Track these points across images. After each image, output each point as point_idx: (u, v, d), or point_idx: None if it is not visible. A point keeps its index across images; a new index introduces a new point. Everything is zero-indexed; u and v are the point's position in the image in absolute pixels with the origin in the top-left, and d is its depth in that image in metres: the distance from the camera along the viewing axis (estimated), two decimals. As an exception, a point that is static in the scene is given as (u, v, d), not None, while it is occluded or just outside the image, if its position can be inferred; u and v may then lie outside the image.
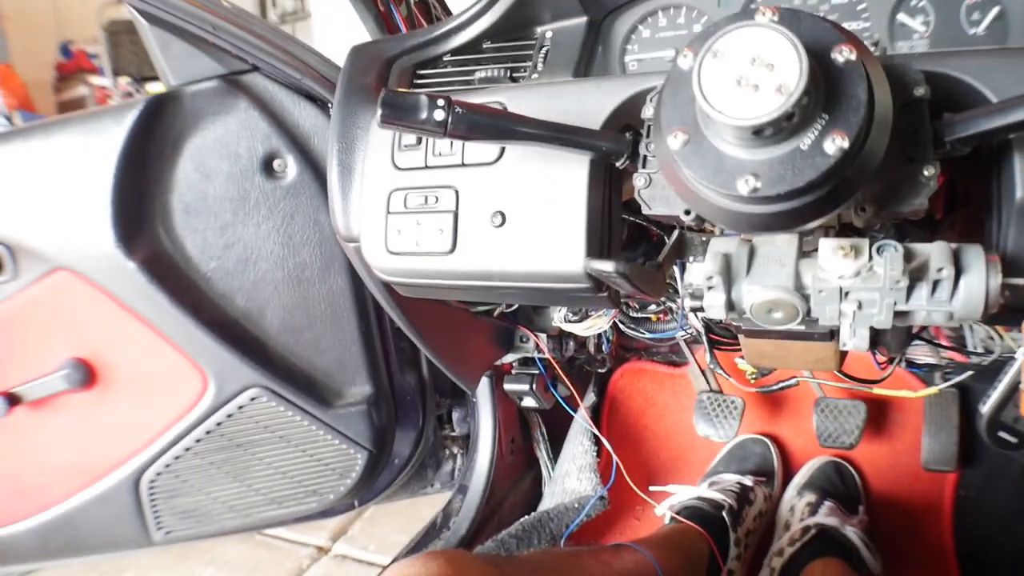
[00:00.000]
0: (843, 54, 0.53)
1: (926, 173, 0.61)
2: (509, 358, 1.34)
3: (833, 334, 0.72)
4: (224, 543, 1.96)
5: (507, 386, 1.36)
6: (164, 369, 1.25)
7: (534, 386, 1.34)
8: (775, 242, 0.66)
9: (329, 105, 1.11)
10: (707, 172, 0.55)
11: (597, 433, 1.43)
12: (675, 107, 0.57)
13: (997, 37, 0.80)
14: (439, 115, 0.63)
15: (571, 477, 1.38)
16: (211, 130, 1.16)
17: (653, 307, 1.16)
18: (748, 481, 1.38)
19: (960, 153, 0.62)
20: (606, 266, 0.62)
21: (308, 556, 1.90)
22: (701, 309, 0.67)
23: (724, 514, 1.29)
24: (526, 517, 1.29)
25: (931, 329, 1.17)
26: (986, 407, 0.71)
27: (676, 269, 1.00)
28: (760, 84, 0.51)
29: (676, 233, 0.77)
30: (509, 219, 0.77)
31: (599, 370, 1.57)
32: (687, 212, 0.64)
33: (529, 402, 1.37)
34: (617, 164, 0.71)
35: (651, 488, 1.38)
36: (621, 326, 1.19)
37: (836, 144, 0.51)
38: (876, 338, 0.96)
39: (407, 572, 0.68)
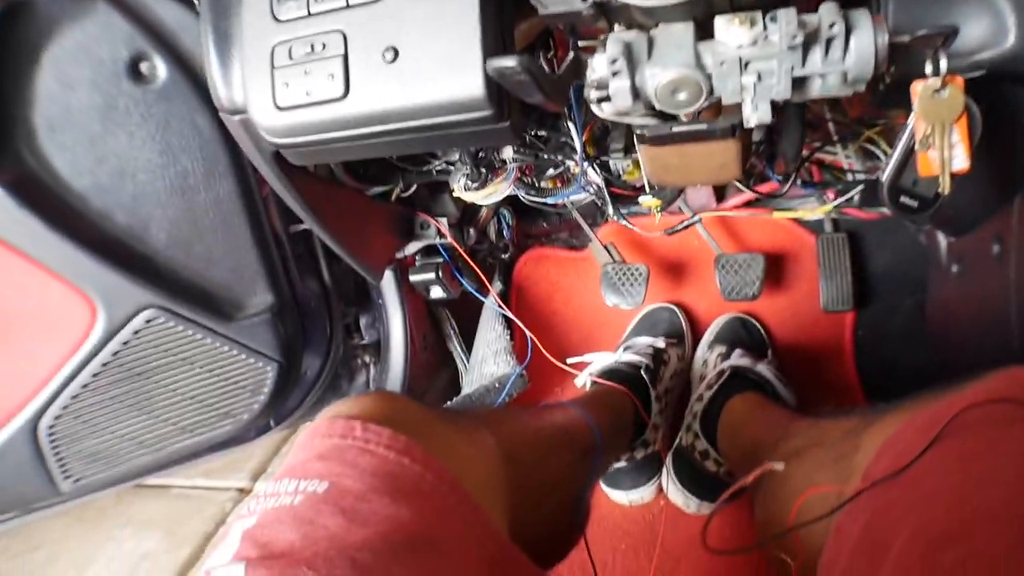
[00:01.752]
0: None
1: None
2: (411, 249, 1.32)
3: (735, 129, 0.73)
4: (139, 501, 1.89)
5: (413, 277, 1.34)
6: (47, 302, 1.17)
7: (440, 274, 1.32)
8: (671, 30, 0.66)
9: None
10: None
11: (509, 315, 1.43)
12: None
13: None
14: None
15: (488, 362, 1.38)
16: (69, 36, 1.06)
17: (551, 171, 1.16)
18: (661, 343, 1.41)
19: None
20: (509, 61, 0.61)
21: (230, 499, 1.84)
22: (607, 99, 0.66)
23: (642, 372, 1.32)
24: (448, 402, 1.28)
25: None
26: (885, 174, 0.74)
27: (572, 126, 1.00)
28: None
29: (572, 55, 0.76)
30: (402, 53, 0.75)
31: (503, 256, 1.57)
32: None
33: (437, 292, 1.35)
34: None
35: (568, 360, 1.39)
36: (522, 196, 1.18)
37: None
38: (773, 151, 0.99)
39: (342, 409, 0.65)
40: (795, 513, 0.72)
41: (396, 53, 0.75)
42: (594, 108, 0.70)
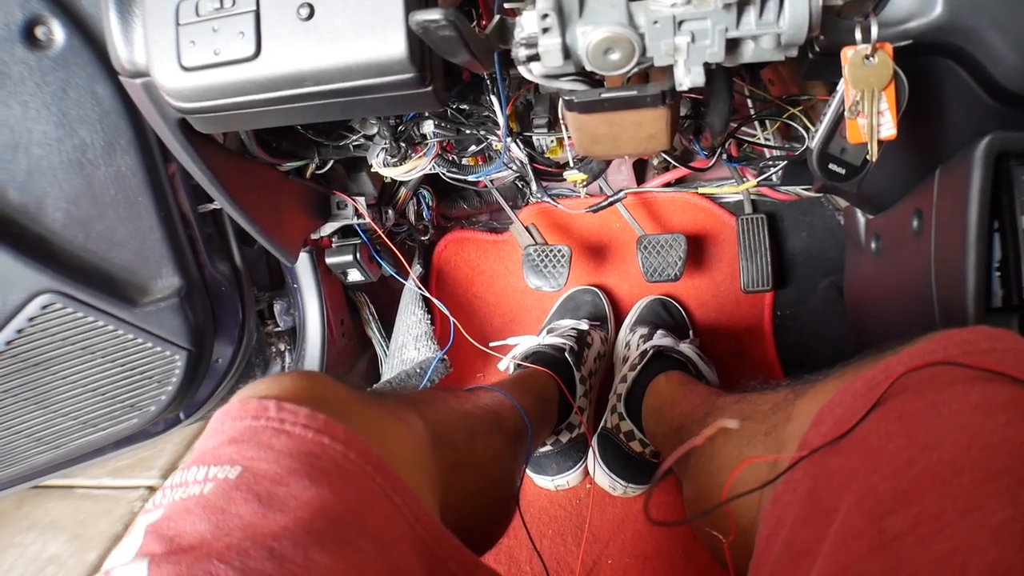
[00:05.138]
0: None
1: None
2: (327, 230, 1.27)
3: (665, 96, 0.71)
4: (42, 503, 1.78)
5: (329, 259, 1.28)
6: (-69, 287, 1.09)
7: (358, 256, 1.27)
8: (602, -11, 0.64)
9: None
10: None
11: (431, 297, 1.39)
12: None
13: None
14: None
15: (408, 348, 1.34)
16: (-43, -2, 0.99)
17: (473, 148, 1.13)
18: (584, 325, 1.40)
19: None
20: (434, 14, 0.57)
21: (140, 498, 1.75)
22: (536, 58, 0.64)
23: (566, 355, 1.30)
24: (369, 388, 1.23)
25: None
26: (815, 141, 0.73)
27: (495, 100, 0.97)
28: None
29: (497, 17, 0.73)
30: (318, 10, 0.70)
31: (422, 239, 1.53)
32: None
33: (355, 275, 1.31)
34: None
35: (491, 344, 1.36)
36: (443, 173, 1.15)
37: None
38: (699, 125, 0.98)
39: (256, 390, 0.61)
40: (728, 487, 0.71)
41: (312, 10, 0.70)
42: (522, 69, 0.67)
